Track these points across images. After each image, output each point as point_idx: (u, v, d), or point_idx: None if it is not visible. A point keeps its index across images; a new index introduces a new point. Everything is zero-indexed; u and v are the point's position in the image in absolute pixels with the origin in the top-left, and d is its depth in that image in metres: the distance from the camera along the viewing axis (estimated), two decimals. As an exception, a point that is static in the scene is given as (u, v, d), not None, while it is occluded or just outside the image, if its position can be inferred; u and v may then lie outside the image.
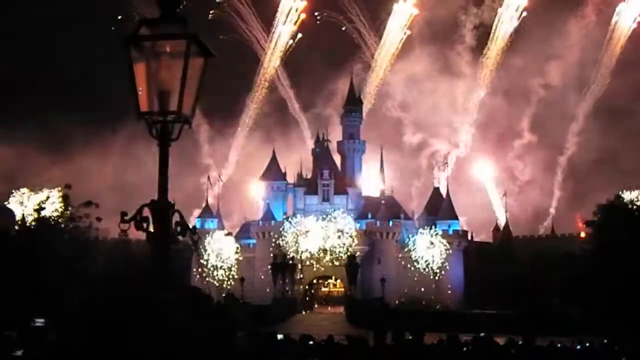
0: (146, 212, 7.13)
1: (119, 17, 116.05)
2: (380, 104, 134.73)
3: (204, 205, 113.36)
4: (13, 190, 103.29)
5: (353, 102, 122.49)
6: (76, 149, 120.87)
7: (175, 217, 7.21)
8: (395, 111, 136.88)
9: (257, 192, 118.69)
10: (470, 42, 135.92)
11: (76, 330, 6.73)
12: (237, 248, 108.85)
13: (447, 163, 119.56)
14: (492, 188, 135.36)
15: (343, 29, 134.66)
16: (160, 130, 7.35)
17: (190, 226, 7.39)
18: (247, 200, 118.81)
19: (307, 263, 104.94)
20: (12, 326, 29.38)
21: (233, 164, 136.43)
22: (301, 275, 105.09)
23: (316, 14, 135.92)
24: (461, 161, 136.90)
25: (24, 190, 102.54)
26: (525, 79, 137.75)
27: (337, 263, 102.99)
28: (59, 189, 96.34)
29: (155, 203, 7.15)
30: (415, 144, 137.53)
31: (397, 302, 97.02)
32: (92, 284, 67.14)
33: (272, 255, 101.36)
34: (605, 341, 24.35)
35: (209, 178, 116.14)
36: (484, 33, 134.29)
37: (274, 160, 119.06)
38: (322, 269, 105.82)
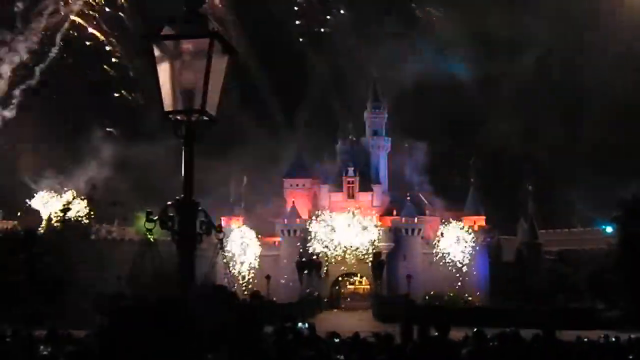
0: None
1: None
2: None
3: (231, 200, 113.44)
4: (38, 191, 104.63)
5: (376, 99, 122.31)
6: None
7: (201, 216, 7.22)
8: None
9: (281, 188, 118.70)
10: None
11: (110, 332, 6.77)
12: (262, 245, 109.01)
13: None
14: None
15: None
16: (185, 129, 7.36)
17: (216, 224, 7.41)
18: (271, 197, 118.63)
19: (333, 261, 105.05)
20: (39, 326, 29.59)
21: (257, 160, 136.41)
22: (327, 273, 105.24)
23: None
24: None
25: (48, 191, 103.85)
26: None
27: (362, 260, 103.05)
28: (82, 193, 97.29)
29: (180, 202, 7.17)
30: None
31: (426, 297, 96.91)
32: (118, 284, 67.87)
33: (299, 252, 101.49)
34: (631, 336, 24.19)
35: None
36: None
37: (299, 156, 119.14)
38: (348, 266, 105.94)
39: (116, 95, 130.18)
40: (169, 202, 7.13)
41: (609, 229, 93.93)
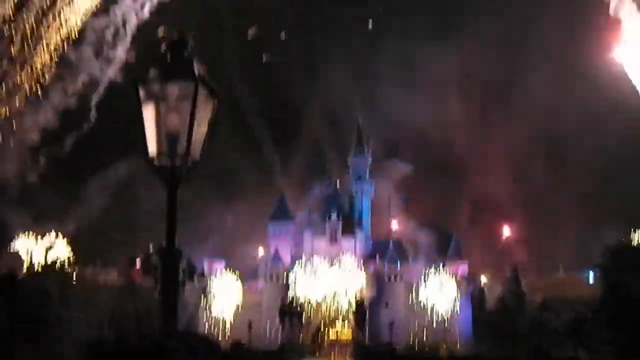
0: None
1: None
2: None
3: (210, 245, 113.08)
4: (20, 234, 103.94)
5: (360, 144, 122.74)
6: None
7: (183, 263, 7.10)
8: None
9: (264, 233, 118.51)
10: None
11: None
12: (245, 290, 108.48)
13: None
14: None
15: None
16: (169, 173, 7.25)
17: (198, 271, 7.28)
18: (254, 242, 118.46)
19: (315, 307, 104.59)
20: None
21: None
22: (308, 320, 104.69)
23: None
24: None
25: (31, 234, 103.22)
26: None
27: (345, 307, 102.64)
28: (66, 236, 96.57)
29: (163, 250, 7.04)
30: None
31: (409, 345, 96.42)
32: (99, 329, 67.22)
33: (281, 297, 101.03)
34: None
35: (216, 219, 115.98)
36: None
37: (282, 201, 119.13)
38: (330, 313, 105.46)
39: None
40: (152, 250, 7.01)
41: (592, 276, 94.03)
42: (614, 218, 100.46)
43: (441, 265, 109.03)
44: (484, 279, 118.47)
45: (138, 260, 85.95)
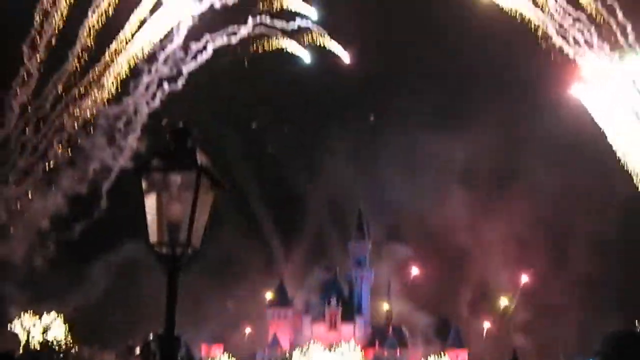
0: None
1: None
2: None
3: (209, 329, 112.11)
4: (20, 314, 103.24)
5: (361, 230, 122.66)
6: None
7: (182, 351, 7.12)
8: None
9: (264, 318, 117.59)
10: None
11: None
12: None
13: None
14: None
15: None
16: (170, 261, 7.32)
17: (196, 355, 7.31)
18: (254, 326, 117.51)
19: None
20: None
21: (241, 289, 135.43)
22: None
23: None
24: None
25: (29, 314, 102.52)
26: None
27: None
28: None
29: (162, 337, 7.07)
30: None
31: None
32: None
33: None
34: None
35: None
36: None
37: (281, 286, 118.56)
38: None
39: None
40: (151, 337, 7.05)
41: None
42: (616, 305, 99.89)
43: (441, 352, 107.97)
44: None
45: (137, 348, 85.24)
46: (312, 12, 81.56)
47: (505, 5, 75.44)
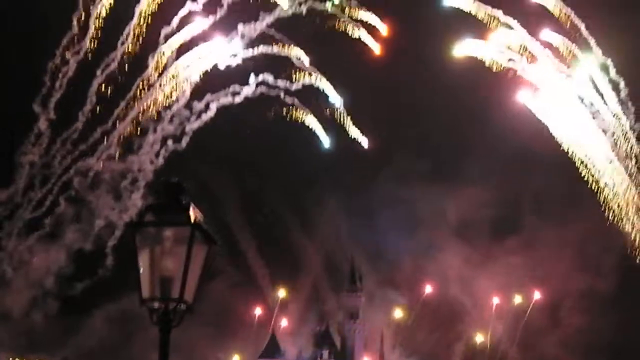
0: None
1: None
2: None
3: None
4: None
5: (354, 282, 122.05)
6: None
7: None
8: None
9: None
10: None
11: None
12: None
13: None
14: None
15: None
16: (162, 316, 7.28)
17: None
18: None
19: None
20: None
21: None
22: None
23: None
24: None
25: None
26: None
27: None
28: None
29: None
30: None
31: None
32: None
33: None
34: None
35: None
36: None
37: (273, 339, 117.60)
38: None
39: None
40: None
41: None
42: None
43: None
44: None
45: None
46: (338, 99, 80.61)
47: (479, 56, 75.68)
